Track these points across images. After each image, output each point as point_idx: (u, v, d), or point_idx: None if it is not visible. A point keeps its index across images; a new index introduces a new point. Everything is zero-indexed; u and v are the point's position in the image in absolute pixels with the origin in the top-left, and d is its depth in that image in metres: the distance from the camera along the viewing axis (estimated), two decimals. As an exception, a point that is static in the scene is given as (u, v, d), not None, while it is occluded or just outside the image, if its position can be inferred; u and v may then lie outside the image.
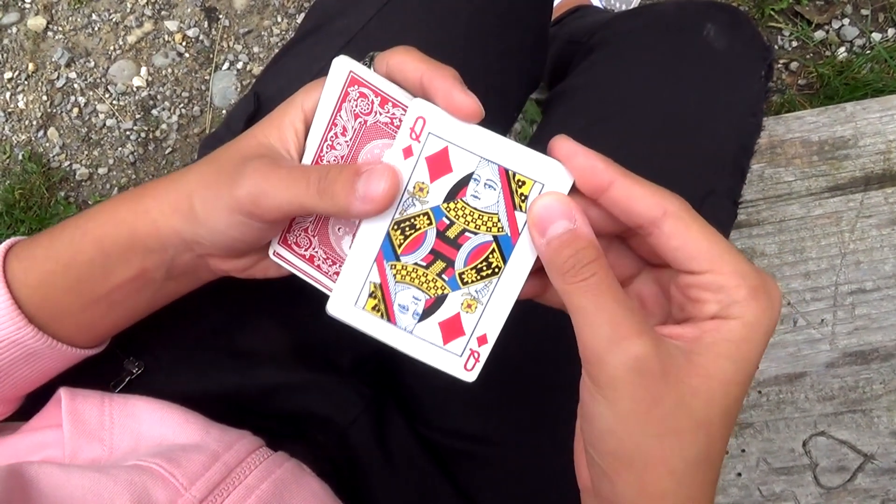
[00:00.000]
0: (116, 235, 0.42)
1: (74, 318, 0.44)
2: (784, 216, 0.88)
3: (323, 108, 0.37)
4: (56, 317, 0.44)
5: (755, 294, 0.31)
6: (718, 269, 0.32)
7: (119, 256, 0.42)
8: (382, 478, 0.57)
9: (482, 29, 0.58)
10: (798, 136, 0.90)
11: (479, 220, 0.34)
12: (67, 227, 0.43)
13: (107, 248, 0.42)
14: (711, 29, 0.58)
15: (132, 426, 0.44)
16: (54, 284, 0.43)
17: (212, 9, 1.41)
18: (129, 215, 0.42)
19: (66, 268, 0.42)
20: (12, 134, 1.42)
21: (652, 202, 0.32)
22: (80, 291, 0.43)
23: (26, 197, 1.38)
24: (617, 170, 0.33)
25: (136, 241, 0.42)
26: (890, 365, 0.85)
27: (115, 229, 0.42)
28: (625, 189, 0.33)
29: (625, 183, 0.33)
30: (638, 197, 0.32)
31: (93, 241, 0.42)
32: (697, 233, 0.32)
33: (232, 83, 1.40)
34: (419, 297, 0.36)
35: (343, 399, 0.58)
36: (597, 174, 0.33)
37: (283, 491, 0.43)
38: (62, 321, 0.44)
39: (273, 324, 0.57)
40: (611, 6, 1.26)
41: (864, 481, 0.84)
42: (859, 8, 1.32)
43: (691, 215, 0.32)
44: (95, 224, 0.43)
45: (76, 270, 0.42)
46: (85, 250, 0.42)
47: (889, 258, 0.87)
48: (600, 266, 0.32)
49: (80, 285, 0.43)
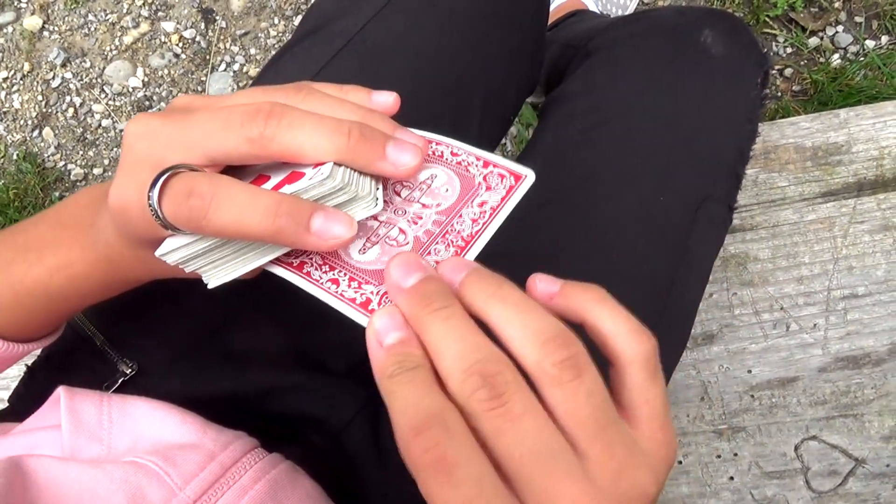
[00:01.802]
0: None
1: (30, 327, 0.46)
2: (777, 221, 0.89)
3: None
4: (20, 330, 0.45)
5: None
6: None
7: (82, 300, 0.44)
8: (377, 480, 0.57)
9: (479, 33, 0.58)
10: (792, 141, 0.90)
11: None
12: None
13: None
14: (709, 35, 0.59)
15: (130, 426, 0.44)
16: (15, 315, 0.44)
17: (208, 10, 1.41)
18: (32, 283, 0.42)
19: (20, 306, 0.43)
20: (7, 133, 1.41)
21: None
22: (48, 313, 0.44)
23: (21, 197, 1.38)
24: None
25: (104, 297, 0.44)
26: (881, 370, 0.86)
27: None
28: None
29: None
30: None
31: (46, 297, 0.43)
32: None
33: (228, 84, 1.40)
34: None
35: (338, 401, 0.58)
36: None
37: (278, 492, 0.43)
38: (29, 332, 0.46)
39: (267, 325, 0.57)
40: (607, 11, 1.26)
41: (856, 486, 0.84)
42: (853, 15, 1.33)
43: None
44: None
45: (37, 307, 0.44)
46: (39, 301, 0.43)
47: (881, 264, 0.87)
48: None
49: (47, 313, 0.44)
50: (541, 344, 0.27)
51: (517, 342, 0.28)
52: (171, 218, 0.32)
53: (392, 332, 0.29)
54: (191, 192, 0.31)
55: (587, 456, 0.26)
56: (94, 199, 0.43)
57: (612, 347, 0.29)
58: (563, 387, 0.27)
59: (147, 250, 0.37)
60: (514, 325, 0.28)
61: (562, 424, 0.27)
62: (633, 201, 0.56)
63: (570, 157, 0.59)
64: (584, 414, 0.27)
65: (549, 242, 0.57)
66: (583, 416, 0.27)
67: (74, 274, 0.42)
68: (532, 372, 0.27)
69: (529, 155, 0.63)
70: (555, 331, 0.27)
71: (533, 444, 0.26)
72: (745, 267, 0.88)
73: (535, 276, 0.31)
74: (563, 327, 0.28)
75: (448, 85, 0.58)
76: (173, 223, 0.32)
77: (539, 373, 0.27)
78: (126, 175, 0.34)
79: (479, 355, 0.27)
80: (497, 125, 0.65)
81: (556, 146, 0.61)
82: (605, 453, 0.26)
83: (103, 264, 0.41)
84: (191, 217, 0.31)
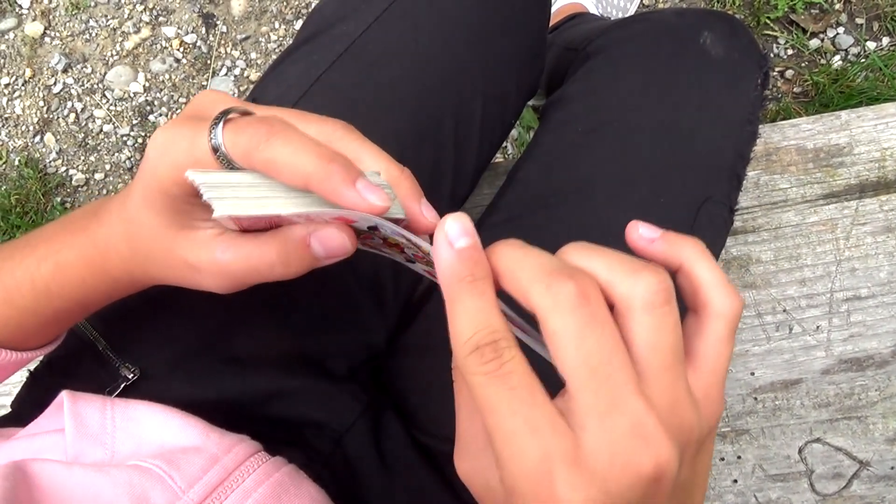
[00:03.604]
0: (62, 294, 0.43)
1: (35, 335, 0.46)
2: (780, 223, 0.89)
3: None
4: (13, 335, 0.45)
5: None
6: (502, 465, 0.27)
7: (68, 299, 0.44)
8: (379, 483, 0.57)
9: (480, 36, 0.59)
10: (793, 143, 0.90)
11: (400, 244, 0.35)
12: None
13: (53, 295, 0.43)
14: (708, 37, 0.59)
15: (134, 430, 0.44)
16: (5, 315, 0.44)
17: (209, 15, 1.42)
18: (62, 285, 0.43)
19: (8, 304, 0.43)
20: (9, 139, 1.42)
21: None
22: (36, 315, 0.44)
23: (22, 202, 1.38)
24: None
25: (89, 298, 0.44)
26: (885, 372, 0.86)
27: (48, 298, 0.43)
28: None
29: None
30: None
31: (33, 291, 0.43)
32: (499, 413, 0.27)
33: (229, 89, 1.40)
34: (398, 256, 0.38)
35: (339, 405, 0.58)
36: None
37: (281, 495, 0.43)
38: (23, 339, 0.46)
39: (269, 329, 0.57)
40: (607, 14, 1.26)
41: (860, 488, 0.84)
42: (854, 17, 1.33)
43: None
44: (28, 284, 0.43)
45: (24, 304, 0.44)
46: (25, 296, 0.43)
47: (884, 265, 0.87)
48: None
49: (35, 314, 0.44)
50: (635, 271, 0.28)
51: (607, 272, 0.28)
52: (230, 144, 0.33)
53: (463, 237, 0.29)
54: (255, 122, 0.33)
55: (651, 383, 0.27)
56: (96, 206, 0.43)
57: (703, 296, 0.30)
58: (654, 312, 0.27)
59: (147, 223, 0.37)
60: (605, 257, 0.29)
61: (636, 351, 0.27)
62: (634, 202, 0.56)
63: (570, 159, 0.59)
64: (666, 343, 0.27)
65: (550, 243, 0.57)
66: (664, 344, 0.27)
67: (61, 262, 0.42)
68: (622, 299, 0.27)
69: (530, 157, 0.63)
70: (646, 263, 0.28)
71: (609, 352, 0.26)
72: (747, 269, 0.88)
73: (636, 222, 0.32)
74: (653, 264, 0.29)
75: (449, 88, 0.58)
76: (230, 149, 0.33)
77: (630, 299, 0.27)
78: (177, 124, 0.35)
79: (556, 265, 0.28)
80: (498, 128, 0.65)
81: (557, 148, 0.61)
82: (669, 385, 0.27)
83: (90, 249, 0.41)
84: (249, 144, 0.32)
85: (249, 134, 0.32)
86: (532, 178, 0.61)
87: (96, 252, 0.41)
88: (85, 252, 0.41)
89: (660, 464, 0.26)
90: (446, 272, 0.28)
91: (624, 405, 0.26)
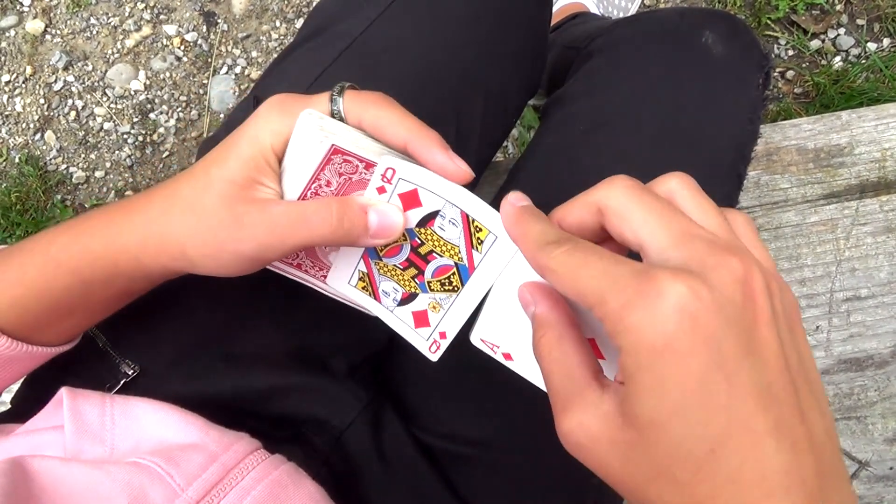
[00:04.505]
0: (94, 269, 0.43)
1: (53, 328, 0.46)
2: (780, 223, 0.89)
3: (301, 165, 0.40)
4: (34, 329, 0.45)
5: (627, 311, 0.27)
6: (598, 300, 0.29)
7: (100, 284, 0.44)
8: (379, 481, 0.57)
9: (482, 35, 0.58)
10: (794, 143, 0.90)
11: (444, 246, 0.39)
12: (36, 252, 0.44)
13: (86, 277, 0.43)
14: (710, 36, 0.59)
15: (133, 427, 0.44)
16: (27, 307, 0.44)
17: (210, 13, 1.42)
18: (106, 251, 0.43)
19: (39, 294, 0.43)
20: (9, 137, 1.41)
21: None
22: (59, 310, 0.45)
23: (23, 200, 1.38)
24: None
25: (119, 273, 0.43)
26: (885, 372, 0.86)
27: (91, 264, 0.43)
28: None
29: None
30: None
31: (68, 272, 0.43)
32: (583, 269, 0.30)
33: (230, 87, 1.40)
34: (397, 288, 0.42)
35: (339, 402, 0.58)
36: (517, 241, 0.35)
37: (280, 493, 0.43)
38: (40, 332, 0.46)
39: (269, 327, 0.57)
40: (609, 13, 1.26)
41: (859, 488, 0.84)
42: (855, 18, 1.33)
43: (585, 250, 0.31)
44: (68, 256, 0.43)
45: (53, 295, 0.44)
46: (60, 279, 0.43)
47: (884, 266, 0.87)
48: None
49: (58, 305, 0.44)
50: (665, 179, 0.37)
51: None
52: (347, 106, 0.40)
53: (522, 200, 0.35)
54: (367, 92, 0.40)
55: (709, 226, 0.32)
56: (140, 196, 0.44)
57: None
58: (696, 194, 0.36)
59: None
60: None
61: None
62: None
63: (571, 159, 0.59)
64: (709, 206, 0.34)
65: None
66: (708, 207, 0.34)
67: (76, 233, 0.43)
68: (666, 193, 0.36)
69: (531, 156, 0.63)
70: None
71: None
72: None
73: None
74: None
75: (450, 87, 0.58)
76: (347, 111, 0.40)
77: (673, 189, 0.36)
78: (284, 100, 0.40)
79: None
80: (499, 127, 0.65)
81: (558, 147, 0.61)
82: (721, 224, 0.32)
83: (104, 225, 0.43)
84: (362, 107, 0.40)
85: (362, 101, 0.39)
86: (533, 178, 0.61)
87: (108, 223, 0.43)
88: (96, 228, 0.43)
89: (744, 261, 0.28)
90: (511, 218, 0.34)
91: (695, 233, 0.30)
